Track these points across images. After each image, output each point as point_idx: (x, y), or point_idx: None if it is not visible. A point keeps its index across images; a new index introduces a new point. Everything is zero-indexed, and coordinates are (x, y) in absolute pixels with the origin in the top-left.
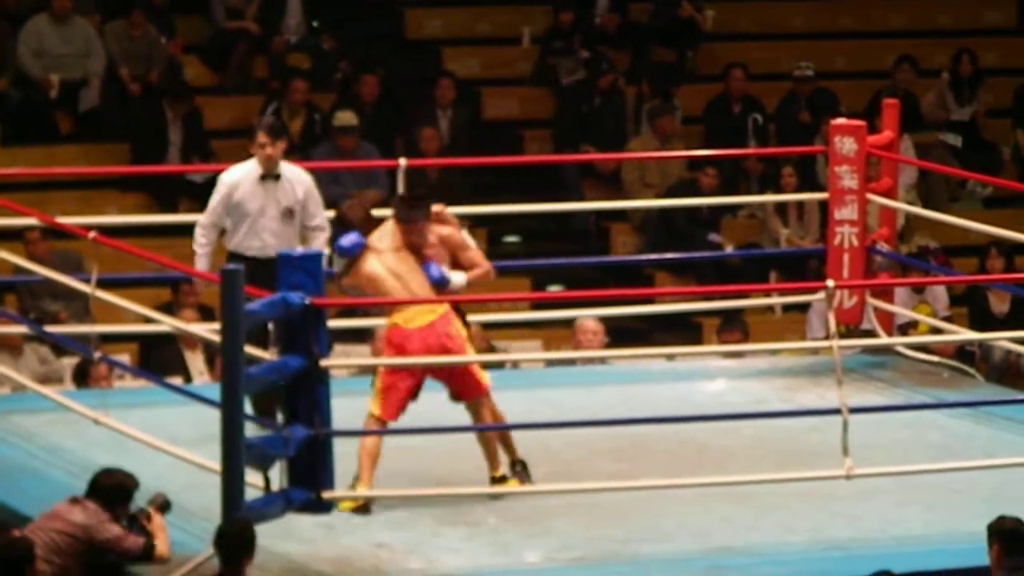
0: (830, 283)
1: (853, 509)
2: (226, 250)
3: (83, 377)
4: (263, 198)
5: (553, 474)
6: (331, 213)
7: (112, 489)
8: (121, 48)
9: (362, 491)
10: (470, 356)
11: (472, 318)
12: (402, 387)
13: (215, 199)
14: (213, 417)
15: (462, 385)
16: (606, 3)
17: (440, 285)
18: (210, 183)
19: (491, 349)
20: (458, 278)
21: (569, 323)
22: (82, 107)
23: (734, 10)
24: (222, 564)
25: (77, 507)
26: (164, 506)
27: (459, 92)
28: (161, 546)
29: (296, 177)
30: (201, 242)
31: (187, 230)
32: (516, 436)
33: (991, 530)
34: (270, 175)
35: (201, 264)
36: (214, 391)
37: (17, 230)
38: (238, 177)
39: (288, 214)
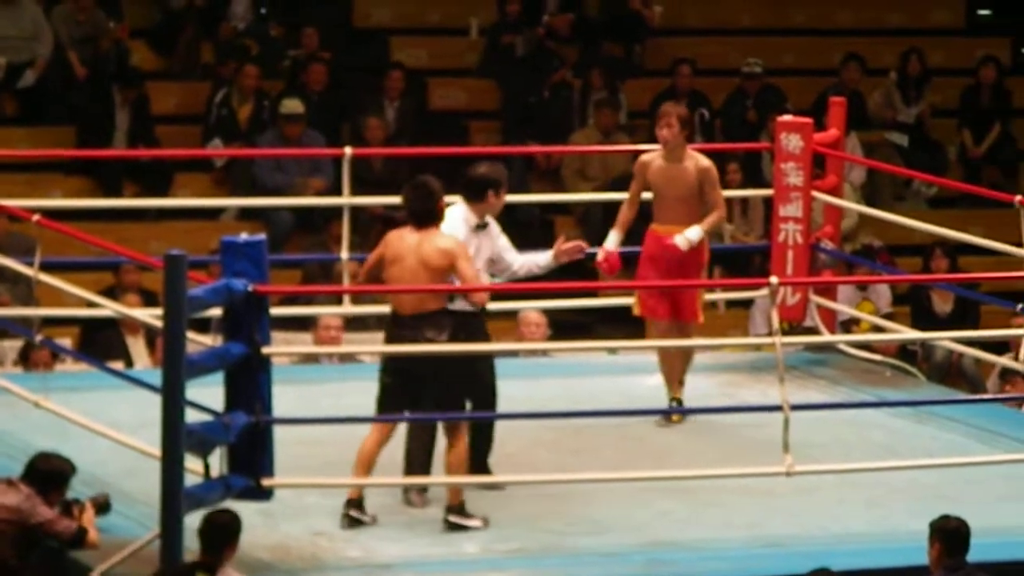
0: (774, 280)
1: (793, 506)
2: None
3: (27, 360)
4: None
5: (494, 465)
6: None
7: (48, 474)
8: (68, 31)
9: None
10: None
11: None
12: None
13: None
14: (154, 402)
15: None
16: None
17: None
18: (155, 166)
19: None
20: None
21: (512, 315)
22: (24, 88)
23: (682, 5)
24: (203, 551)
25: (11, 490)
26: (103, 507)
27: (406, 82)
28: (94, 534)
29: None
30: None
31: (131, 215)
32: None
33: (934, 529)
34: None
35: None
36: (155, 376)
37: None
38: None
39: None
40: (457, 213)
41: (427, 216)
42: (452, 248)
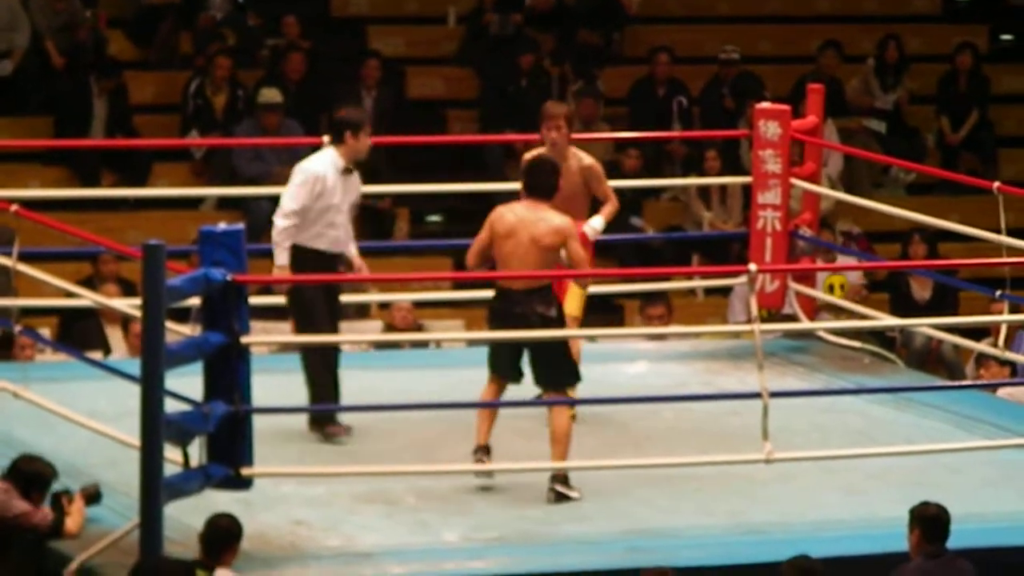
0: (752, 267)
1: (772, 493)
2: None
3: (5, 350)
4: None
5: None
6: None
7: (30, 475)
8: (46, 21)
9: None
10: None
11: (400, 296)
12: None
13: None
14: (133, 392)
15: None
16: None
17: None
18: (133, 156)
19: (419, 328)
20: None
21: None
22: (1, 78)
23: None
24: (203, 553)
25: None
26: (92, 497)
27: (384, 71)
28: (71, 524)
29: None
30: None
31: (109, 204)
32: (435, 415)
33: (913, 515)
34: None
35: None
36: (134, 366)
37: None
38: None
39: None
40: (326, 157)
41: (545, 191)
42: (565, 227)
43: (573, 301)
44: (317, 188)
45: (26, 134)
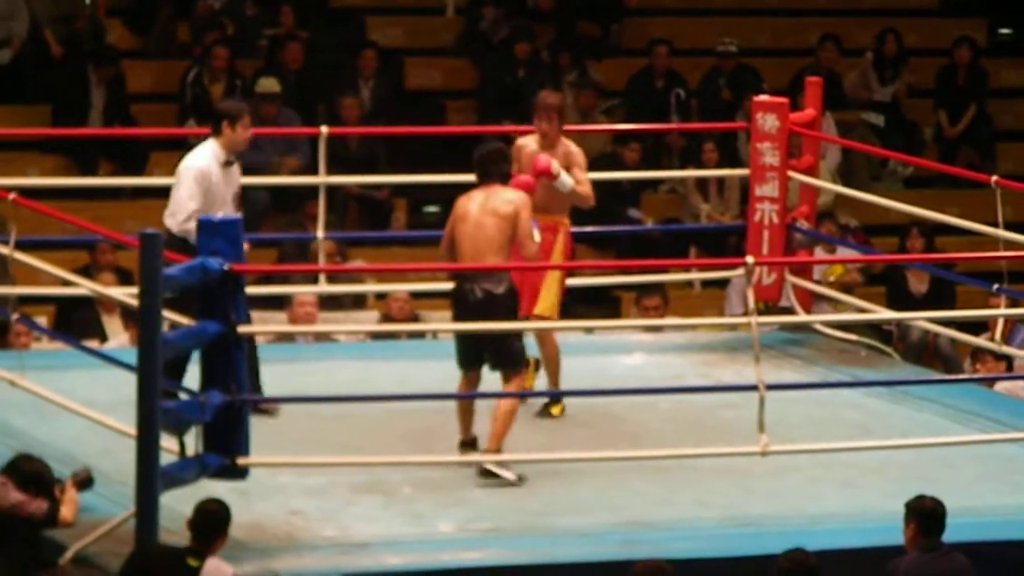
0: (749, 260)
1: (768, 486)
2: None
3: (1, 338)
4: None
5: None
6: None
7: (28, 475)
8: (45, 10)
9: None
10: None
11: (397, 287)
12: None
13: None
14: (129, 381)
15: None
16: None
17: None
18: (131, 145)
19: (416, 319)
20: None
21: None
22: (1, 67)
23: None
24: (193, 539)
25: None
26: (84, 482)
27: (382, 61)
28: (66, 512)
29: None
30: None
31: (107, 193)
32: (432, 406)
33: (909, 508)
34: None
35: None
36: (131, 355)
37: None
38: None
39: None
40: (207, 150)
41: (493, 176)
42: (517, 198)
43: (548, 299)
44: (206, 183)
45: (24, 122)
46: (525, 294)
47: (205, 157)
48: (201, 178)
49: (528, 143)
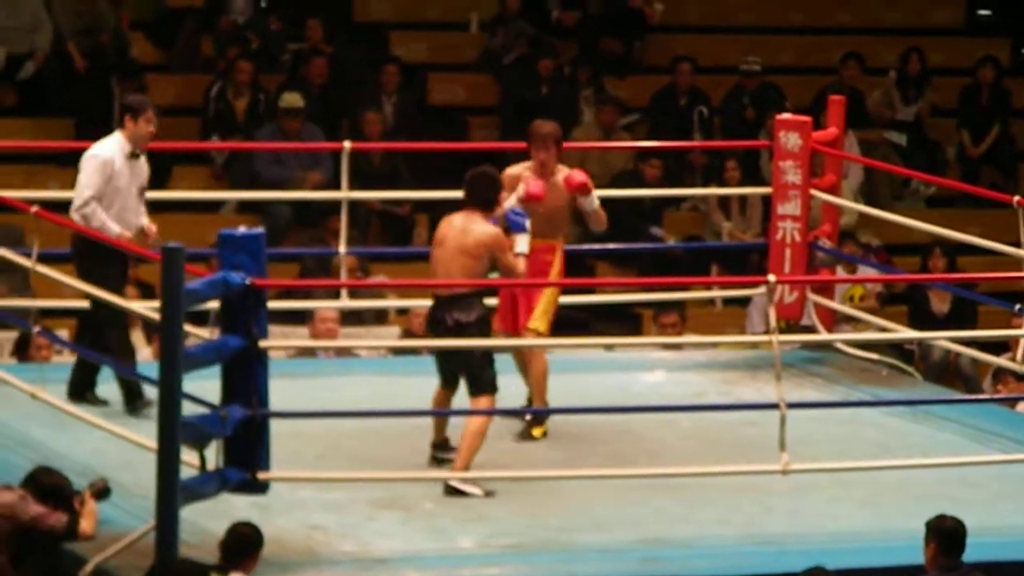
0: (771, 278)
1: (788, 504)
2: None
3: (23, 351)
4: None
5: (489, 461)
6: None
7: (47, 488)
8: (69, 22)
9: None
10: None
11: (419, 303)
12: None
13: None
14: (151, 394)
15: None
16: None
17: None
18: (153, 158)
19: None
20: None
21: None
22: (24, 80)
23: (682, 3)
24: (222, 559)
25: (5, 490)
26: (102, 492)
27: (405, 76)
28: (85, 525)
29: None
30: None
31: None
32: (452, 421)
33: (930, 528)
34: None
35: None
36: (152, 369)
37: None
38: None
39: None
40: (113, 142)
41: (476, 202)
42: (490, 239)
43: (541, 318)
44: (107, 172)
45: (47, 135)
46: (521, 311)
47: (110, 147)
48: (102, 167)
49: (521, 172)
